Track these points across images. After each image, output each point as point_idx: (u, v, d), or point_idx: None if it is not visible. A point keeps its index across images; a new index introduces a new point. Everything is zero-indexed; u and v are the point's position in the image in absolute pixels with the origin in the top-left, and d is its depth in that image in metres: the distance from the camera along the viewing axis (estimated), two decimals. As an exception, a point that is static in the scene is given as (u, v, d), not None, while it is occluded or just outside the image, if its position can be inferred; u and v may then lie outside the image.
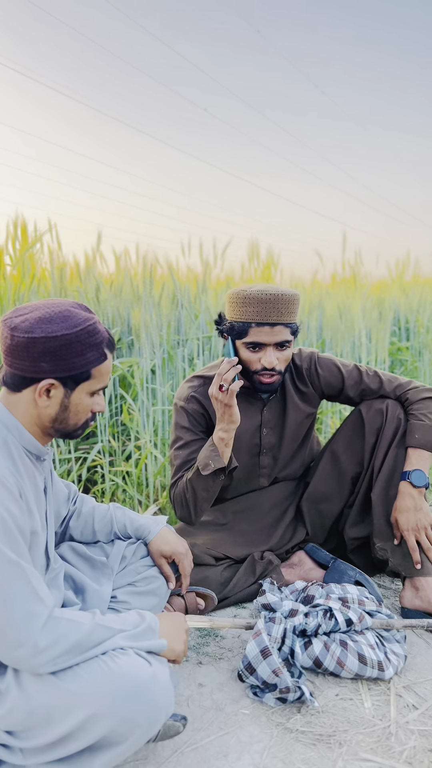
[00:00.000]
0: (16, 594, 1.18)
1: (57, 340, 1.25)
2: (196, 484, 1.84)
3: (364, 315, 3.34)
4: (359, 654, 1.56)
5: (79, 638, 1.21)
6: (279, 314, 1.82)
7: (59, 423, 1.34)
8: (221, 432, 1.80)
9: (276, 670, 1.46)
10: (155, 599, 1.64)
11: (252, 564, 1.97)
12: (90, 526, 1.68)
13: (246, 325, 1.84)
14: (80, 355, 1.28)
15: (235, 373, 1.73)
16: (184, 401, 2.00)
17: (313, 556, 2.06)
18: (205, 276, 2.95)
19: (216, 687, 1.56)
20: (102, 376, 1.36)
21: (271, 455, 2.10)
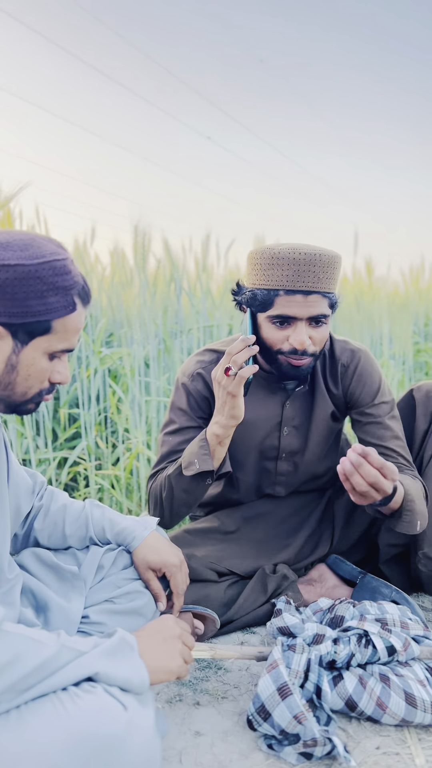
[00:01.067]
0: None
1: (8, 271, 0.93)
2: (175, 484, 1.49)
3: (383, 308, 3.01)
4: (406, 693, 1.19)
5: (39, 663, 0.86)
6: (316, 279, 1.41)
7: (3, 388, 1.01)
8: (217, 427, 1.42)
9: (298, 715, 1.09)
10: (139, 620, 1.28)
11: (262, 579, 1.60)
12: (60, 528, 1.33)
13: (272, 293, 1.44)
14: (39, 296, 0.95)
15: (249, 355, 1.35)
16: (188, 378, 1.62)
17: (337, 571, 1.69)
18: (204, 255, 2.62)
19: (218, 736, 1.18)
20: (67, 332, 1.02)
21: (292, 461, 1.71)
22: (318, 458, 1.73)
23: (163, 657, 1.00)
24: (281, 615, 1.33)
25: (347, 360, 1.65)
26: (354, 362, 1.65)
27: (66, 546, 1.35)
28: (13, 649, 0.85)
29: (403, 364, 3.15)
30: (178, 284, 2.49)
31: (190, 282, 2.73)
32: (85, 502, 1.38)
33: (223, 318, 2.71)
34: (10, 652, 0.85)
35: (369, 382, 1.64)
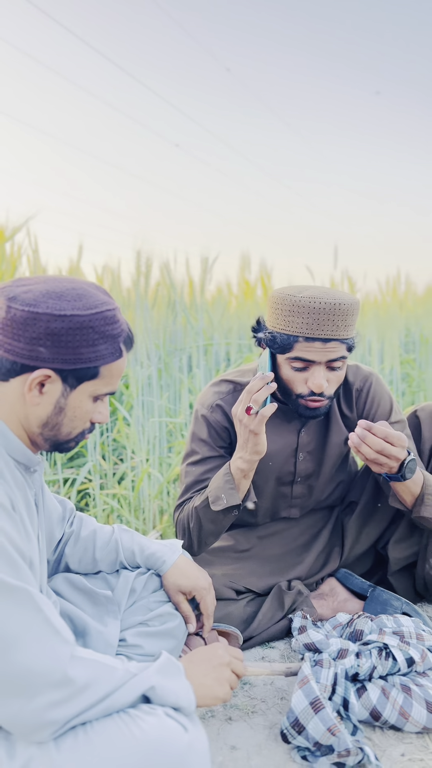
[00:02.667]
0: (28, 628, 0.90)
1: (64, 321, 0.98)
2: (203, 516, 1.55)
3: (370, 324, 3.11)
4: (427, 702, 1.27)
5: (112, 687, 0.93)
6: (335, 328, 1.47)
7: (50, 429, 1.06)
8: (241, 462, 1.48)
9: (332, 727, 1.16)
10: (172, 641, 1.34)
11: (279, 596, 1.67)
12: (90, 553, 1.38)
13: (292, 338, 1.49)
14: (90, 345, 1.01)
15: (268, 393, 1.39)
16: (208, 409, 1.67)
17: (347, 584, 1.77)
18: (203, 277, 2.69)
19: (253, 750, 1.25)
20: (112, 377, 1.08)
21: (307, 484, 1.78)
22: (330, 478, 1.80)
23: (212, 684, 1.06)
24: (306, 632, 1.40)
25: (360, 384, 1.73)
26: (367, 386, 1.73)
27: (96, 570, 1.40)
28: (87, 675, 0.91)
29: (391, 377, 3.26)
30: (176, 306, 2.55)
31: (186, 303, 2.79)
32: (113, 527, 1.44)
33: (220, 338, 2.78)
34: (85, 677, 0.91)
35: (382, 404, 1.72)
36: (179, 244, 11.67)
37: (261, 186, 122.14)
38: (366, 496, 1.80)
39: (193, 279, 3.11)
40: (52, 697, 0.89)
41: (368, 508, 1.80)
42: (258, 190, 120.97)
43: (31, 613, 0.90)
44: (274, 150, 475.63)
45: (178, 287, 2.59)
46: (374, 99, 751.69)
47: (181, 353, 2.71)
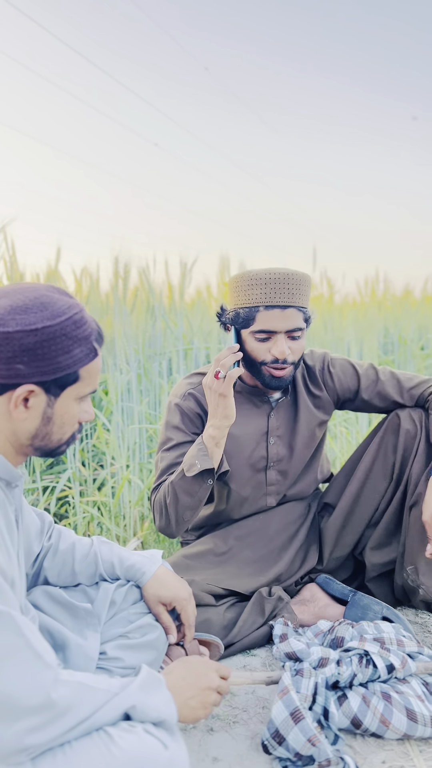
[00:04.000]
0: (10, 652, 0.89)
1: (37, 334, 0.97)
2: (178, 488, 1.58)
3: (349, 326, 3.12)
4: (407, 709, 1.27)
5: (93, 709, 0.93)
6: (290, 295, 1.60)
7: (40, 439, 1.06)
8: (212, 429, 1.56)
9: (312, 738, 1.16)
10: (153, 653, 1.34)
11: (260, 602, 1.67)
12: (69, 566, 1.37)
13: (253, 310, 1.61)
14: (66, 352, 1.01)
15: (234, 359, 1.51)
16: (180, 398, 1.75)
17: (328, 590, 1.78)
18: (182, 281, 2.68)
19: (234, 761, 1.24)
20: (92, 376, 1.08)
21: (279, 470, 1.82)
22: (303, 464, 1.85)
23: (196, 706, 1.06)
24: (287, 640, 1.40)
25: (320, 364, 1.84)
26: (327, 364, 1.84)
27: (76, 583, 1.39)
28: (69, 698, 0.91)
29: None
30: (155, 311, 2.54)
31: (165, 307, 2.79)
32: (92, 539, 1.43)
33: (200, 342, 2.78)
34: (67, 700, 0.90)
35: (345, 369, 1.83)
36: (159, 243, 11.67)
37: (240, 184, 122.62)
38: (344, 501, 1.82)
39: (172, 283, 3.10)
40: (33, 721, 0.88)
41: (345, 512, 1.82)
42: (237, 188, 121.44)
43: (13, 637, 0.89)
44: (251, 147, 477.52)
45: (156, 291, 2.58)
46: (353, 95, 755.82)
47: (160, 358, 2.70)
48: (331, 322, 3.14)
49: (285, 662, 1.38)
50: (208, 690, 1.10)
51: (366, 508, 1.80)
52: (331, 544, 1.83)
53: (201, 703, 1.09)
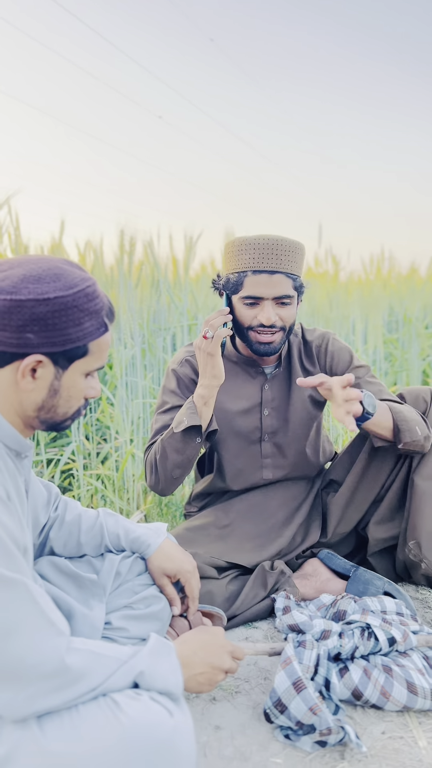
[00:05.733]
0: (25, 620, 0.91)
1: (48, 304, 0.97)
2: (168, 445, 1.62)
3: (354, 304, 3.11)
4: (408, 682, 1.29)
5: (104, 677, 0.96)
6: (278, 261, 1.61)
7: (46, 411, 1.06)
8: (201, 388, 1.59)
9: (313, 707, 1.18)
10: (157, 623, 1.36)
11: (262, 575, 1.69)
12: (75, 537, 1.39)
13: (242, 275, 1.63)
14: (77, 324, 1.00)
15: (223, 320, 1.55)
16: (178, 364, 1.80)
17: (330, 565, 1.79)
18: (187, 255, 2.66)
19: (237, 729, 1.27)
20: (101, 351, 1.08)
21: (274, 442, 1.84)
22: (299, 440, 1.85)
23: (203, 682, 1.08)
24: (291, 612, 1.42)
25: (319, 340, 1.84)
26: (325, 342, 1.84)
27: (81, 554, 1.40)
28: (82, 665, 0.92)
29: (374, 357, 3.27)
30: (160, 286, 2.53)
31: (170, 281, 2.77)
32: (98, 511, 1.44)
33: (204, 317, 2.77)
34: (80, 667, 0.92)
35: (342, 353, 1.83)
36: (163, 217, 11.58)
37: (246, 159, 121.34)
38: (351, 477, 1.83)
39: (176, 257, 3.08)
40: (47, 686, 0.90)
41: (351, 488, 1.83)
42: (243, 163, 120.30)
43: (27, 605, 0.91)
44: (258, 121, 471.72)
45: (162, 266, 2.57)
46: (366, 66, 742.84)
47: (164, 333, 2.69)
48: (337, 300, 3.13)
49: (288, 634, 1.39)
50: (218, 669, 1.12)
51: (372, 485, 1.80)
52: (335, 520, 1.84)
53: (208, 680, 1.10)
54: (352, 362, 1.82)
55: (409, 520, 1.72)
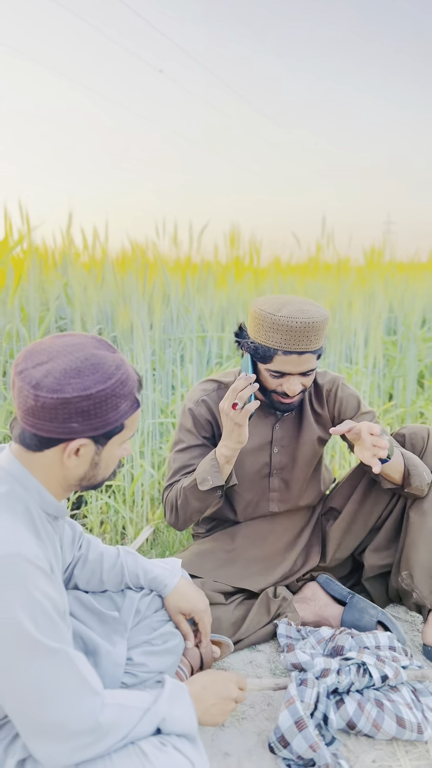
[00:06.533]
0: (67, 685, 1.03)
1: (91, 399, 1.07)
2: (190, 495, 1.73)
3: (354, 310, 3.20)
4: (397, 716, 1.44)
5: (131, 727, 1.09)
6: (308, 342, 1.67)
7: (87, 480, 1.18)
8: (225, 449, 1.67)
9: (313, 745, 1.33)
10: (172, 658, 1.49)
11: (266, 602, 1.83)
12: (98, 574, 1.51)
13: (271, 351, 1.68)
14: (114, 409, 1.11)
15: (251, 392, 1.59)
16: (194, 404, 1.88)
17: (328, 590, 1.93)
18: (203, 272, 2.74)
19: (244, 756, 1.42)
20: (134, 423, 1.19)
21: (281, 478, 1.96)
22: (305, 475, 1.97)
23: (216, 713, 1.22)
24: (294, 651, 1.56)
25: (329, 385, 1.94)
26: (335, 387, 1.94)
27: (103, 589, 1.53)
28: (112, 719, 1.06)
29: (374, 368, 3.38)
30: (172, 303, 2.62)
31: (179, 294, 2.85)
32: (118, 549, 1.56)
33: (214, 331, 2.86)
34: (110, 721, 1.05)
35: (350, 399, 1.93)
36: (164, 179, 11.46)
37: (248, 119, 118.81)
38: (349, 506, 1.96)
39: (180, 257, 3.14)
40: (83, 741, 1.03)
41: (350, 517, 1.96)
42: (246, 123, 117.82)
43: (68, 672, 1.03)
44: (262, 82, 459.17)
45: (173, 285, 2.65)
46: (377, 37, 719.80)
47: (174, 344, 2.79)
48: (340, 313, 3.21)
49: (291, 671, 1.53)
50: (227, 699, 1.26)
51: (369, 515, 1.94)
52: (334, 546, 1.98)
53: (221, 710, 1.24)
54: (360, 409, 1.92)
55: (403, 552, 1.86)
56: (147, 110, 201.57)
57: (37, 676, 1.01)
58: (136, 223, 5.42)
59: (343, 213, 25.40)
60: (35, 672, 1.01)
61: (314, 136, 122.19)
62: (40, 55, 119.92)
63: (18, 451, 1.14)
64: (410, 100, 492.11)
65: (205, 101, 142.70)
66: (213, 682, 1.28)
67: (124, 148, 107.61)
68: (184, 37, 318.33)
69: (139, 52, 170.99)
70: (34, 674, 1.01)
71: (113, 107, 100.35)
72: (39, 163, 71.58)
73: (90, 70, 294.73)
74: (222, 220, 4.13)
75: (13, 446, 1.16)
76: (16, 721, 1.04)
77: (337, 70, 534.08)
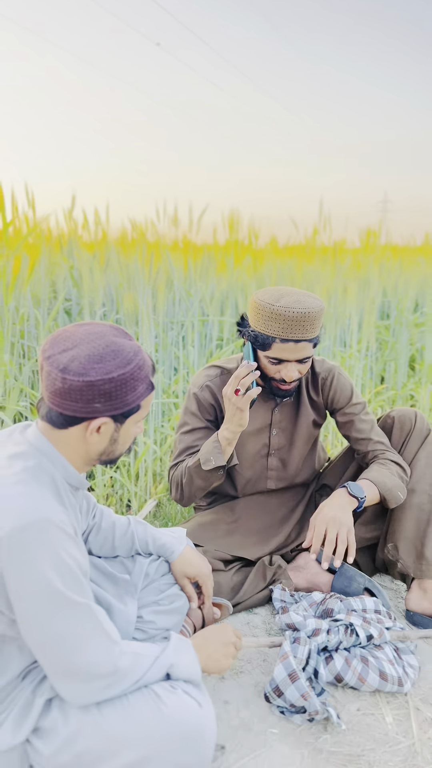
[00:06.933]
0: (90, 635, 1.18)
1: (113, 382, 1.20)
2: (194, 474, 1.87)
3: (349, 296, 3.33)
4: (380, 671, 1.60)
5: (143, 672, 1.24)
6: (304, 331, 1.79)
7: (107, 455, 1.32)
8: (227, 432, 1.80)
9: (304, 694, 1.48)
10: (177, 617, 1.64)
11: (262, 569, 1.99)
12: (110, 541, 1.65)
13: (270, 338, 1.80)
14: (133, 390, 1.24)
15: (252, 378, 1.71)
16: (198, 389, 2.01)
17: (319, 559, 2.09)
18: (204, 257, 2.86)
19: (242, 704, 1.58)
20: (148, 404, 1.33)
21: (279, 458, 2.11)
22: (301, 456, 2.12)
23: (219, 657, 1.38)
24: (288, 613, 1.71)
25: (326, 374, 2.07)
26: (331, 375, 2.07)
27: (114, 555, 1.68)
28: (127, 665, 1.21)
29: (367, 351, 3.52)
30: (175, 288, 2.74)
31: (181, 278, 2.97)
32: (128, 519, 1.70)
33: (215, 315, 2.99)
34: (126, 667, 1.20)
35: (344, 389, 2.06)
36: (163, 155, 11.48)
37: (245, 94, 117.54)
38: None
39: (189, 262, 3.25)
40: (103, 683, 1.18)
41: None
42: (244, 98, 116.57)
43: (91, 623, 1.17)
44: (260, 56, 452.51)
45: (176, 270, 2.77)
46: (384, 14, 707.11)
47: (177, 327, 2.91)
48: (335, 299, 3.34)
49: (285, 630, 1.69)
50: (227, 644, 1.41)
51: None
52: None
53: (223, 654, 1.39)
54: (352, 399, 2.05)
55: (389, 525, 2.01)
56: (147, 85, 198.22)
57: (64, 627, 1.16)
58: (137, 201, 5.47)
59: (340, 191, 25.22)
60: (62, 623, 1.16)
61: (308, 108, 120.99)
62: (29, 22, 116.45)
63: (45, 428, 1.27)
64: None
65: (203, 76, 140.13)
66: (212, 631, 1.43)
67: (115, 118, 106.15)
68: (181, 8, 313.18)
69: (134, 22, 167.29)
70: (62, 625, 1.16)
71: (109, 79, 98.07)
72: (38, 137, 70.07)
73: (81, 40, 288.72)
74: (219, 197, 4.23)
75: (40, 424, 1.29)
76: (45, 665, 1.18)
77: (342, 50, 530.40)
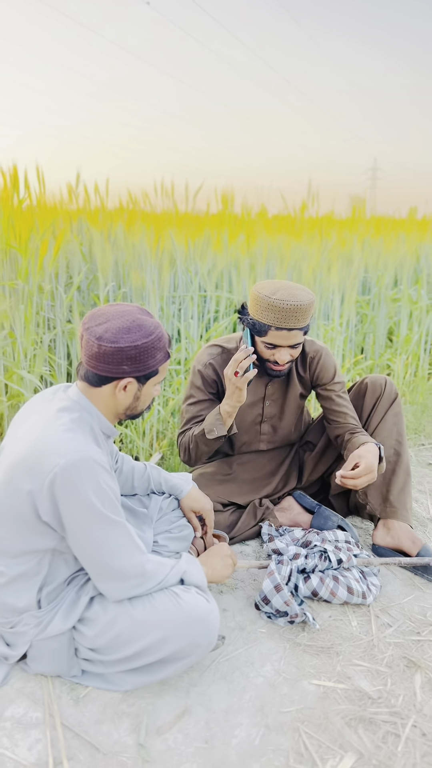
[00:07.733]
0: (124, 545, 1.52)
1: (138, 349, 1.53)
2: (200, 441, 2.20)
3: (333, 273, 3.67)
4: (348, 587, 1.99)
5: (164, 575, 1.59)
6: (296, 321, 2.06)
7: (131, 410, 1.65)
8: (227, 407, 2.12)
9: (287, 601, 1.88)
10: (185, 543, 2.02)
11: (253, 509, 2.37)
12: (130, 482, 2.01)
13: (266, 326, 2.08)
14: (153, 357, 1.57)
15: (250, 362, 2.00)
16: (202, 366, 2.31)
17: (300, 502, 2.47)
18: (201, 239, 3.18)
19: (237, 611, 1.97)
20: (165, 370, 1.66)
21: (271, 424, 2.45)
22: (290, 423, 2.48)
23: (221, 568, 1.76)
24: (274, 541, 2.10)
25: (314, 354, 2.38)
26: (318, 355, 2.39)
27: (133, 493, 2.04)
28: (153, 569, 1.57)
29: (348, 324, 3.87)
30: (178, 266, 3.06)
31: (182, 255, 3.29)
32: (145, 464, 2.06)
33: (212, 291, 3.32)
34: (152, 570, 1.57)
35: (328, 368, 2.38)
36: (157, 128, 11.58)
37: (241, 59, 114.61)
38: (322, 440, 2.48)
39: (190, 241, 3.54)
40: (135, 582, 1.55)
41: (322, 448, 2.49)
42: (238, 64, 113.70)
43: (125, 536, 1.54)
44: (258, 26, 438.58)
45: (177, 247, 3.08)
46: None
47: (177, 301, 3.24)
48: (321, 276, 3.67)
49: (271, 554, 2.07)
50: (226, 557, 1.80)
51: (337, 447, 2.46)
52: (309, 471, 2.51)
53: (223, 565, 1.77)
54: (334, 378, 2.36)
55: None
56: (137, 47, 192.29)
57: (104, 538, 1.51)
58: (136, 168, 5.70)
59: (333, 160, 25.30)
60: (103, 535, 1.51)
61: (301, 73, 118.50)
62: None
63: (83, 387, 1.62)
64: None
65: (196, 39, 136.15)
66: (212, 550, 1.81)
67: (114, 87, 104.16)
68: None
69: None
70: (103, 537, 1.51)
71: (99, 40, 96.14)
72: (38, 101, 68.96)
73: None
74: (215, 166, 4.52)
75: (79, 384, 1.64)
76: (89, 569, 1.55)
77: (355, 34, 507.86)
